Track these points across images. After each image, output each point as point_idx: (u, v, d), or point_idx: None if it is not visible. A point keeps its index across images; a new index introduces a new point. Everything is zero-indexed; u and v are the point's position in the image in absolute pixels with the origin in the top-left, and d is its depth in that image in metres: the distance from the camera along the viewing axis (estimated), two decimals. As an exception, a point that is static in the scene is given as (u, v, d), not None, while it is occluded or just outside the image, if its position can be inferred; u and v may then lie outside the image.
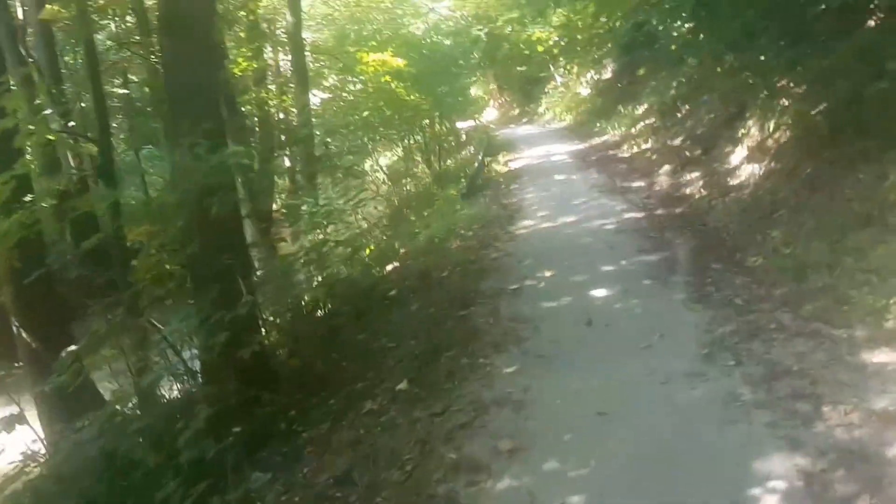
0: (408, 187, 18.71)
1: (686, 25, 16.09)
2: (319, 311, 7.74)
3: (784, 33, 7.52)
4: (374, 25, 19.86)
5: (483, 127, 28.47)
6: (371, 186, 18.81)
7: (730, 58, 11.04)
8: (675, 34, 17.07)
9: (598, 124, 19.42)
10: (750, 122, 9.82)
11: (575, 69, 24.26)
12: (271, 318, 6.87)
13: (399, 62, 14.39)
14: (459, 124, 32.33)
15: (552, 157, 16.02)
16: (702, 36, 15.00)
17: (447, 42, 30.46)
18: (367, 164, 19.55)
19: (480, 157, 16.89)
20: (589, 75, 20.52)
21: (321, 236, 9.81)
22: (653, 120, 15.78)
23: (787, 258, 5.30)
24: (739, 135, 9.86)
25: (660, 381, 3.92)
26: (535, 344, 4.88)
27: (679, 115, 13.96)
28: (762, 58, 9.76)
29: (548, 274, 6.46)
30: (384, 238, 10.81)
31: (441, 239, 9.33)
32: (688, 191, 9.11)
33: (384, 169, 22.18)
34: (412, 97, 15.83)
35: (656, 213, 8.22)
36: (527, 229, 8.71)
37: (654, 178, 10.63)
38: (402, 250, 9.45)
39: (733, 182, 8.38)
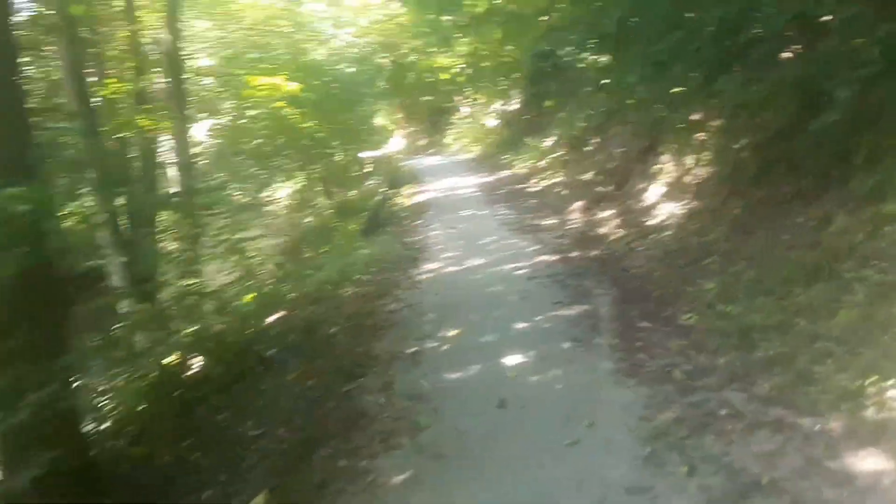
0: (306, 220, 17.47)
1: (594, 56, 15.84)
2: (184, 374, 6.48)
3: (700, 63, 6.98)
4: (273, 51, 18.66)
5: (388, 157, 27.59)
6: (267, 219, 17.43)
7: (641, 89, 10.62)
8: (582, 65, 16.84)
9: (505, 156, 18.90)
10: (664, 157, 9.31)
11: (482, 100, 23.84)
12: (111, 396, 5.57)
13: (292, 87, 13.24)
14: (364, 154, 31.45)
15: (459, 189, 15.23)
16: (609, 68, 14.72)
17: (350, 69, 29.66)
18: (263, 194, 18.19)
19: (384, 190, 15.90)
20: (496, 106, 20.03)
21: (190, 283, 8.54)
22: (562, 153, 15.33)
23: (727, 317, 4.54)
24: (653, 170, 9.32)
25: (594, 502, 2.97)
26: (435, 435, 3.85)
27: (588, 148, 13.51)
28: (674, 90, 9.31)
29: (453, 333, 5.47)
30: (272, 281, 9.56)
31: (334, 284, 8.22)
32: (603, 230, 8.43)
33: (281, 200, 20.85)
34: (308, 125, 14.68)
35: (571, 256, 7.44)
36: (431, 274, 7.74)
37: (567, 216, 9.95)
38: (290, 295, 8.26)
39: (651, 221, 7.74)
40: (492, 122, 16.91)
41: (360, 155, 29.21)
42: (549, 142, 17.39)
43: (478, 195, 13.93)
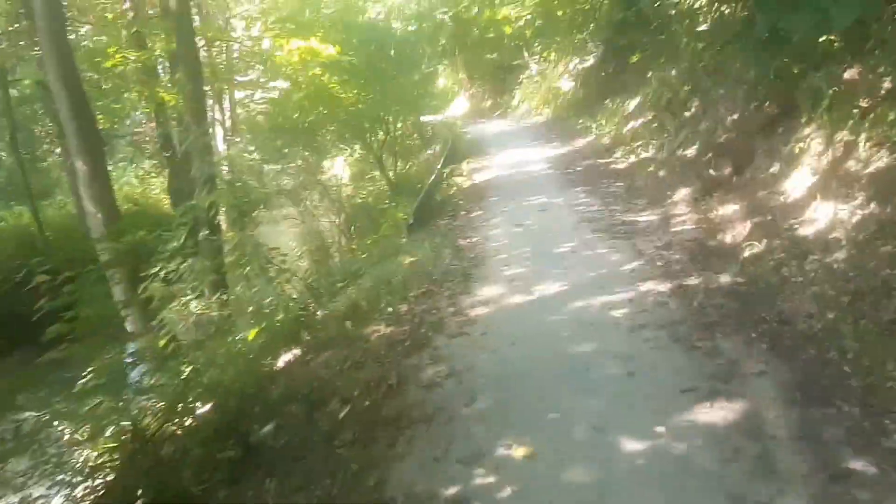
0: (357, 199, 15.57)
1: None
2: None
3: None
4: (326, 10, 16.60)
5: (449, 123, 25.31)
6: (315, 200, 15.61)
7: (761, 39, 8.12)
8: (673, 11, 14.10)
9: (581, 121, 16.40)
10: (806, 131, 6.83)
11: (553, 56, 21.17)
12: None
13: (330, 51, 11.17)
14: (426, 118, 29.24)
15: (528, 165, 12.94)
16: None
17: (409, 27, 27.29)
18: (311, 174, 16.36)
19: (439, 168, 13.76)
20: (571, 63, 17.40)
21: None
22: (651, 118, 12.79)
23: None
24: (790, 149, 6.88)
25: None
26: None
27: (687, 113, 10.97)
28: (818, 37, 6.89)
29: (520, 453, 3.37)
30: (293, 299, 7.68)
31: (363, 313, 6.25)
32: (728, 237, 6.10)
33: (333, 177, 19.00)
34: (351, 93, 12.62)
35: (691, 285, 5.19)
36: (488, 307, 5.62)
37: (669, 209, 7.62)
38: (305, 333, 6.34)
39: (806, 231, 5.37)
40: (565, 83, 14.44)
41: (422, 119, 27.23)
42: (633, 104, 14.83)
43: (550, 173, 11.63)
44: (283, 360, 6.01)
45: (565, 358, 4.31)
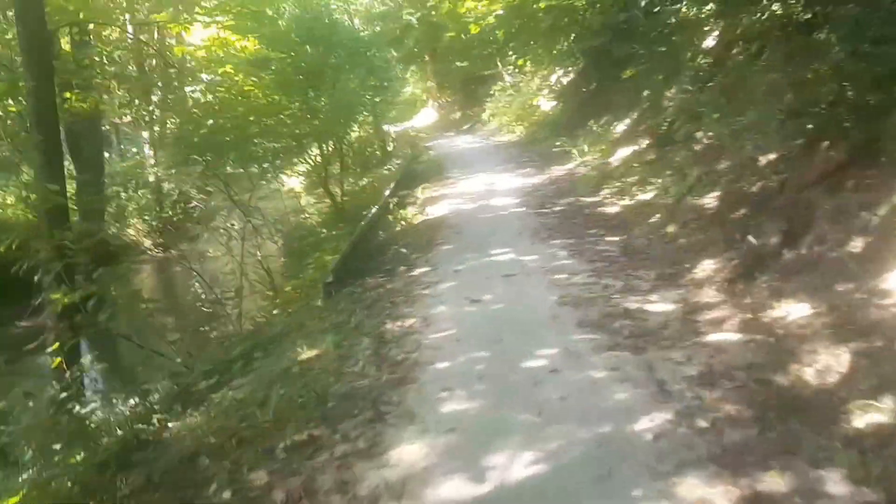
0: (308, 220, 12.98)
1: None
2: None
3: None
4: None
5: (412, 136, 22.86)
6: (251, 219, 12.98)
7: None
8: (673, 19, 11.94)
9: (559, 143, 14.07)
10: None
11: (528, 66, 18.85)
12: None
13: (244, 44, 8.60)
14: (390, 127, 26.71)
15: (494, 197, 10.54)
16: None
17: (373, 28, 24.78)
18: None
19: (387, 195, 11.26)
20: (550, 76, 15.03)
21: None
22: (645, 146, 10.53)
23: None
24: (874, 217, 4.60)
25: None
26: None
27: (698, 147, 8.70)
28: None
29: None
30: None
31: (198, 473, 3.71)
32: (811, 373, 3.68)
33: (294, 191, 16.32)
34: (284, 98, 10.05)
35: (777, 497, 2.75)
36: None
37: (690, 292, 5.22)
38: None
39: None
40: (544, 103, 12.02)
41: (385, 128, 24.71)
42: (621, 127, 12.57)
43: (521, 212, 9.22)
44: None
45: None
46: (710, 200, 6.89)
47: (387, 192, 11.42)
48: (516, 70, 19.92)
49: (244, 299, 10.19)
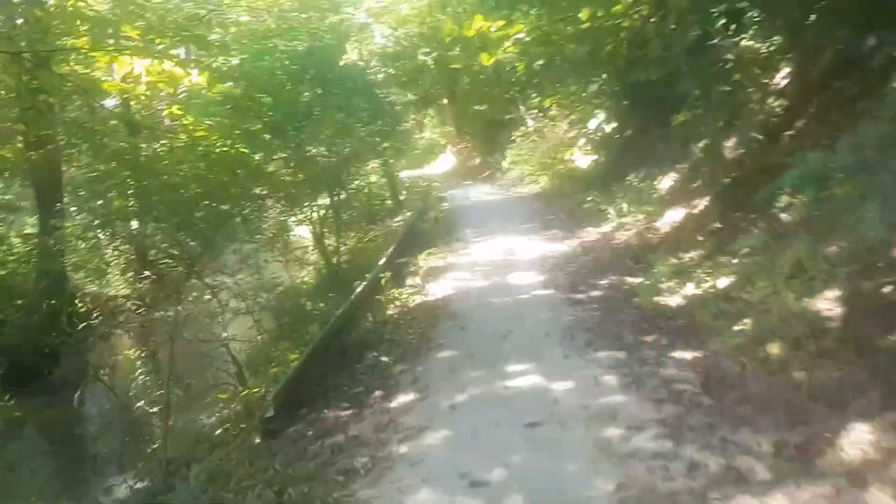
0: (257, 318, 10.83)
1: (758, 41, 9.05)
2: None
3: None
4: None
5: (426, 185, 20.88)
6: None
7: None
8: (731, 55, 9.92)
9: (590, 198, 11.95)
10: None
11: (553, 108, 16.87)
12: None
13: (193, 78, 6.65)
14: (405, 174, 24.84)
15: (514, 272, 8.40)
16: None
17: (388, 70, 23.10)
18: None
19: (382, 265, 9.15)
20: (583, 120, 12.94)
21: None
22: (702, 207, 8.44)
23: None
24: None
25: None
26: None
27: (784, 214, 6.56)
28: None
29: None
30: None
31: None
32: None
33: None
34: (233, 148, 8.03)
35: None
36: None
37: (844, 490, 3.00)
38: None
39: None
40: (580, 155, 9.81)
41: (399, 175, 22.81)
42: (667, 182, 10.43)
43: (549, 299, 7.03)
44: None
45: None
46: (828, 304, 4.67)
47: (382, 260, 9.32)
48: (540, 114, 17.96)
49: (200, 402, 8.14)
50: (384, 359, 5.67)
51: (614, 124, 9.51)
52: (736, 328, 5.12)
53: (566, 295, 7.01)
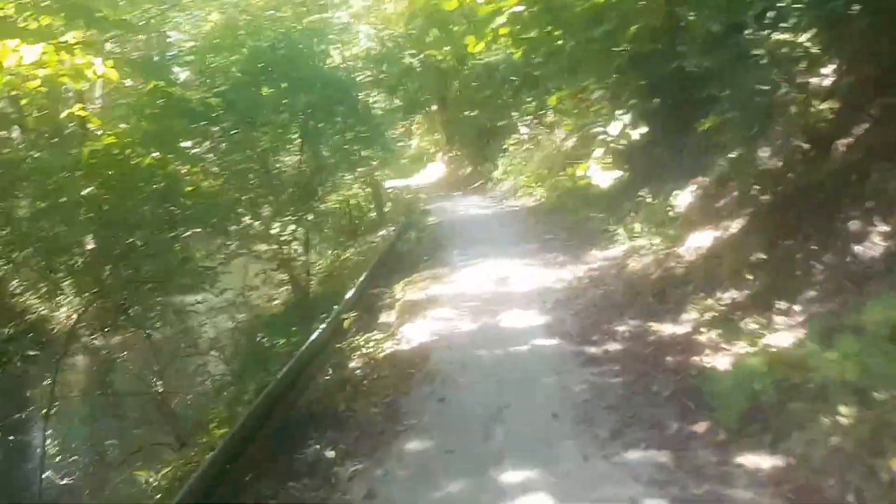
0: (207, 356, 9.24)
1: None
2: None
3: None
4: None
5: (409, 197, 19.34)
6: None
7: None
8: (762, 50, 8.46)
9: (593, 214, 10.44)
10: None
11: (549, 115, 15.36)
12: None
13: (99, 70, 5.08)
14: (390, 183, 23.28)
15: (507, 308, 6.84)
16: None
17: (378, 74, 21.60)
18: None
19: (349, 298, 7.56)
20: (598, 124, 11.33)
21: None
22: (735, 231, 6.98)
23: None
24: None
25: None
26: None
27: (857, 246, 5.03)
28: None
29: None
30: None
31: None
32: None
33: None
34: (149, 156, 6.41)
35: None
36: None
37: None
38: None
39: None
40: (595, 168, 8.25)
41: (384, 186, 21.27)
42: (684, 198, 8.95)
43: (554, 354, 5.48)
44: None
45: None
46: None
47: (350, 294, 7.74)
48: (535, 120, 16.45)
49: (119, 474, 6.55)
50: (329, 454, 4.08)
51: (643, 129, 7.91)
52: (825, 419, 3.58)
53: (576, 347, 5.46)
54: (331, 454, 4.08)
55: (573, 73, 7.16)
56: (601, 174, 8.08)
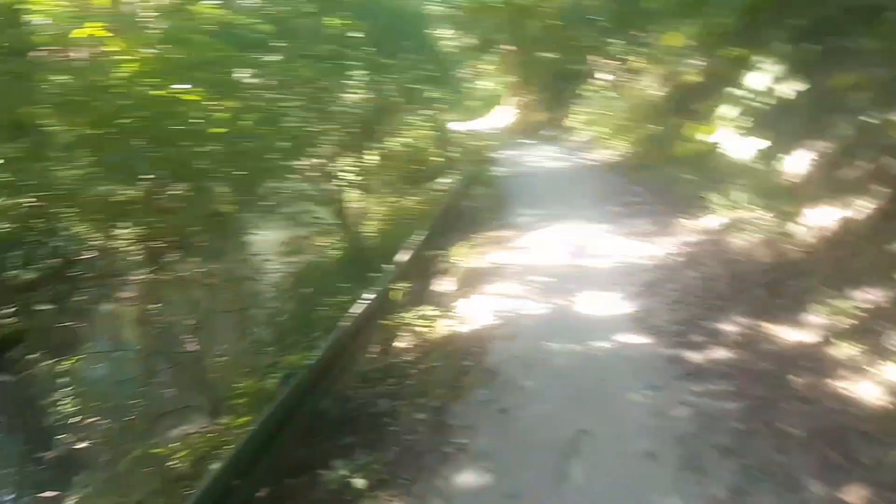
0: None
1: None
2: None
3: None
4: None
5: (476, 143, 18.12)
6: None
7: None
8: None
9: (684, 174, 9.14)
10: None
11: (636, 61, 13.82)
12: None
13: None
14: (455, 126, 22.06)
15: (585, 288, 5.80)
16: None
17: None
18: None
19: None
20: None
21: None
22: (878, 209, 5.63)
23: None
24: None
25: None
26: None
27: None
28: None
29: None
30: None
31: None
32: None
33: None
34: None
35: None
36: None
37: None
38: None
39: None
40: (726, 133, 6.76)
41: (451, 129, 20.13)
42: (795, 162, 7.58)
43: (644, 354, 4.45)
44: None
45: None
46: None
47: (403, 255, 6.82)
48: (622, 65, 14.90)
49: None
50: (357, 482, 3.23)
51: (798, 86, 6.44)
52: None
53: (672, 350, 4.42)
54: (360, 483, 3.22)
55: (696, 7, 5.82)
56: (736, 141, 6.72)
